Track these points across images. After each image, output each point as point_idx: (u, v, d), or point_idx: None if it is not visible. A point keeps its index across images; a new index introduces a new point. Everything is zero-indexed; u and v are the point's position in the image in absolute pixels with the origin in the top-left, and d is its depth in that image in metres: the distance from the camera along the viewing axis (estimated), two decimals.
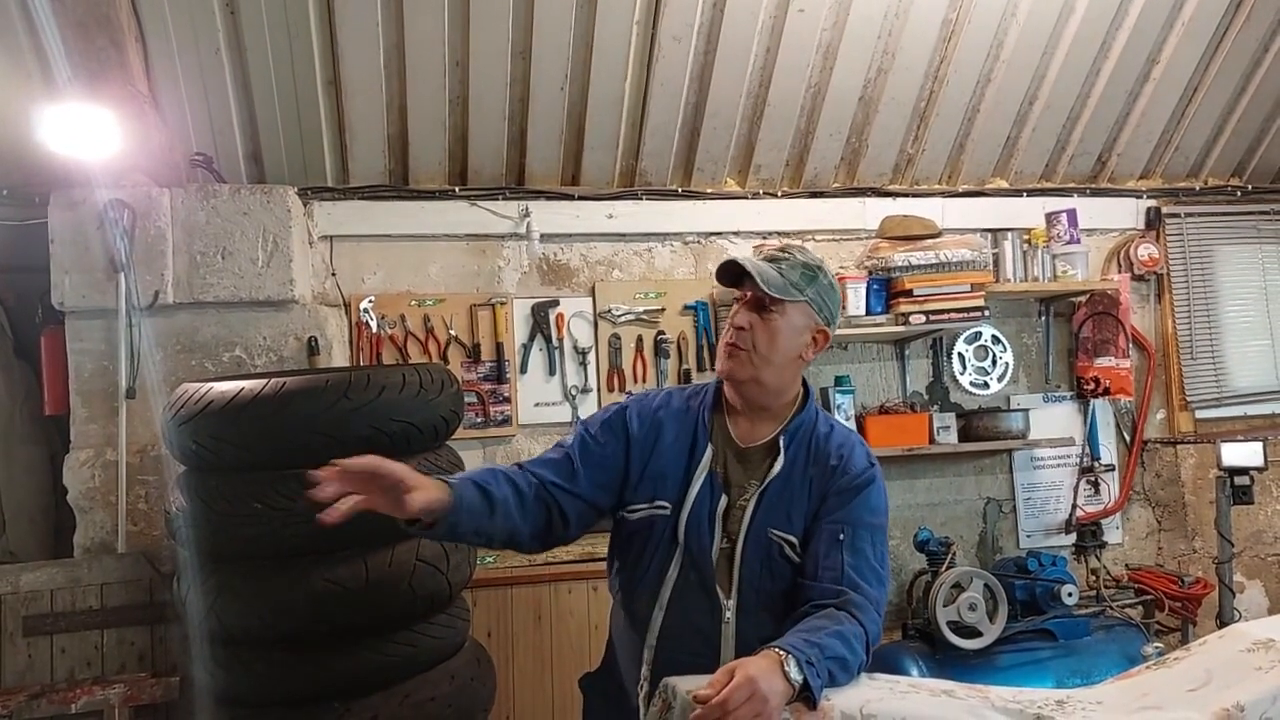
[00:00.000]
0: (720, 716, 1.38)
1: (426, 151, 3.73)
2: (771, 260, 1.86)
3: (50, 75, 3.13)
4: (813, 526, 1.83)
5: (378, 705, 2.44)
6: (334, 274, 3.73)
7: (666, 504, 1.85)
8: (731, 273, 1.87)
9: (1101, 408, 4.32)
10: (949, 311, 3.81)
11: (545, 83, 3.60)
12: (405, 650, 2.50)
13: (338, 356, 3.55)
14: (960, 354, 4.18)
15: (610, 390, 3.88)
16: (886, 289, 3.90)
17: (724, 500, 1.85)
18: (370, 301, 3.70)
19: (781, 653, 1.49)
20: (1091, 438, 4.28)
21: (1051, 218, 4.09)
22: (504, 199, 3.86)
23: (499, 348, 3.80)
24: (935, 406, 4.12)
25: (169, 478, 3.02)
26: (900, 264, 3.84)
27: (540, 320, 3.86)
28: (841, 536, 1.79)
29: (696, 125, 3.85)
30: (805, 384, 1.96)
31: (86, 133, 3.05)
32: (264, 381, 2.47)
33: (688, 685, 1.47)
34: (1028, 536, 4.22)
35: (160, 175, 3.39)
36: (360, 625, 2.45)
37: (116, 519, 3.23)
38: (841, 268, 4.04)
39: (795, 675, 1.46)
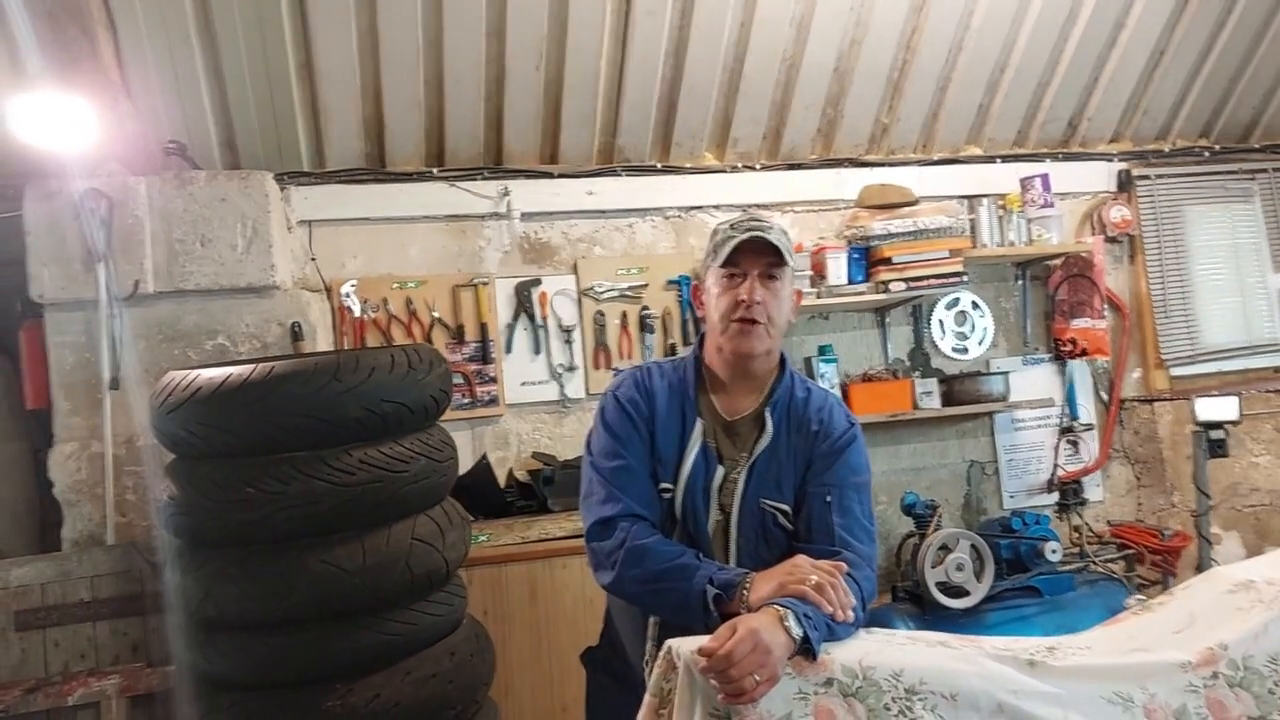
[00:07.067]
0: (726, 668, 1.41)
1: (403, 133, 3.71)
2: (763, 231, 1.86)
3: (21, 66, 3.08)
4: (801, 492, 1.88)
5: (380, 684, 2.44)
6: (314, 259, 3.71)
7: (670, 486, 1.88)
8: (753, 248, 1.84)
9: (1079, 368, 4.39)
10: (928, 278, 3.86)
11: (520, 61, 3.59)
12: (405, 629, 2.50)
13: (321, 342, 3.53)
14: (940, 320, 4.24)
15: (596, 368, 3.90)
16: (866, 258, 3.94)
17: (720, 472, 1.88)
18: (352, 285, 3.69)
19: (781, 609, 1.52)
20: (1070, 398, 4.35)
21: (1025, 183, 4.14)
22: (483, 179, 3.85)
23: (483, 328, 3.80)
24: (917, 372, 4.18)
25: (156, 467, 3.00)
26: (879, 233, 3.88)
27: (524, 299, 3.87)
28: (829, 499, 1.85)
29: (673, 100, 3.86)
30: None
31: (60, 123, 3.00)
32: (252, 366, 2.44)
33: (691, 645, 1.50)
34: (1011, 497, 4.29)
35: (135, 164, 3.35)
36: (359, 605, 2.44)
37: (104, 511, 3.21)
38: (821, 238, 4.07)
39: (795, 629, 1.49)
